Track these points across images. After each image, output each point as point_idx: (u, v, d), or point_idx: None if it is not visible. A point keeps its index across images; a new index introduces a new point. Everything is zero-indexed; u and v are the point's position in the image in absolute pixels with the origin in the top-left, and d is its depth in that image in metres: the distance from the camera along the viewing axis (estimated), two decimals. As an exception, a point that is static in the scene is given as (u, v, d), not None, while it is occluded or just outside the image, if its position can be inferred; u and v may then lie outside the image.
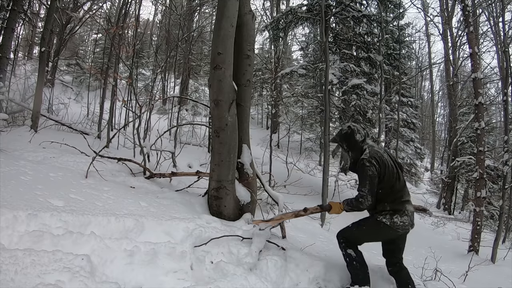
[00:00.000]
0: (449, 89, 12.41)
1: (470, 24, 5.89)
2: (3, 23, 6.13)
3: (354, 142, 2.41)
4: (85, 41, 19.16)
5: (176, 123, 7.11)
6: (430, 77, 19.85)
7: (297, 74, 9.18)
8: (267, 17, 13.82)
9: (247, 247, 2.38)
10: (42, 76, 5.58)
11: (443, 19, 12.45)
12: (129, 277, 1.85)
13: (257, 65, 14.26)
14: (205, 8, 14.47)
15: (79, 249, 1.79)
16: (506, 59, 6.48)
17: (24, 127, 5.35)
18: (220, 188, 3.05)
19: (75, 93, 11.86)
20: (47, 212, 2.00)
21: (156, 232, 2.37)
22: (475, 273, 3.57)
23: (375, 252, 3.05)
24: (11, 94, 6.79)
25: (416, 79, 19.70)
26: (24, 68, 9.71)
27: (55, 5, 6.27)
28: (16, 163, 3.07)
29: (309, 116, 12.90)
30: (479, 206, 5.49)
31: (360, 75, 8.66)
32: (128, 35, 9.63)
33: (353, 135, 2.41)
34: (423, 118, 21.22)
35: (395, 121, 12.37)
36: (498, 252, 5.06)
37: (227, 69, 2.99)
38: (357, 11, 8.03)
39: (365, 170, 2.25)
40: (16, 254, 1.56)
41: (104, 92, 7.32)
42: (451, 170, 11.53)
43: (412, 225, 2.35)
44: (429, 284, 2.74)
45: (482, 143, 5.65)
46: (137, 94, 6.57)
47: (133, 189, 3.33)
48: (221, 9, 3.05)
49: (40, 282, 1.49)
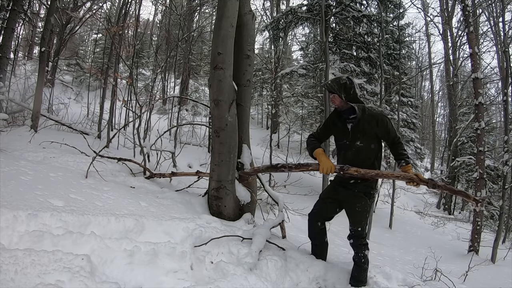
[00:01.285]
0: (449, 89, 12.41)
1: (470, 24, 5.89)
2: (3, 23, 6.14)
3: (354, 94, 2.31)
4: (85, 41, 19.16)
5: (176, 123, 7.11)
6: (430, 77, 19.85)
7: (297, 74, 9.19)
8: (267, 17, 13.81)
9: (247, 247, 2.37)
10: (42, 76, 5.59)
11: (443, 19, 12.44)
12: (129, 277, 1.85)
13: (257, 65, 14.26)
14: (205, 8, 14.46)
15: (79, 249, 1.79)
16: (506, 59, 6.48)
17: (24, 127, 5.35)
18: (220, 188, 3.05)
19: (75, 93, 11.87)
20: (47, 212, 2.00)
21: (156, 232, 2.37)
22: (475, 273, 3.57)
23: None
24: (11, 94, 6.80)
25: (416, 79, 19.69)
26: (24, 68, 9.71)
27: (55, 5, 6.27)
28: (16, 163, 3.07)
29: (309, 116, 12.90)
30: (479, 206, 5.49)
31: (360, 75, 8.66)
32: (128, 35, 9.62)
33: (353, 87, 2.32)
34: (423, 118, 21.22)
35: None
36: (498, 252, 5.06)
37: (227, 69, 2.99)
38: (357, 11, 8.03)
39: (391, 122, 2.35)
40: (16, 254, 1.56)
41: (104, 92, 7.32)
42: (451, 170, 11.53)
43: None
44: (429, 284, 2.73)
45: (482, 143, 5.65)
46: (137, 94, 6.56)
47: (133, 189, 3.33)
48: (221, 9, 3.05)
49: (40, 282, 1.49)
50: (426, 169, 17.69)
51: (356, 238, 2.37)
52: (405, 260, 4.21)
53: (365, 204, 2.35)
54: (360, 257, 2.36)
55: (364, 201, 2.35)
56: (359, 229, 2.36)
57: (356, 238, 2.37)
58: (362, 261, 2.35)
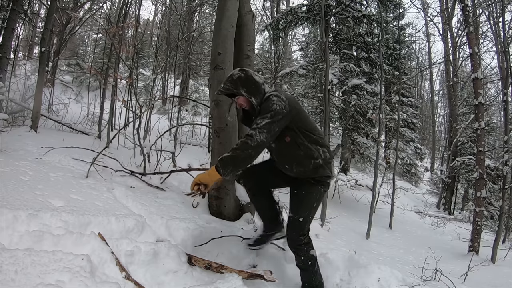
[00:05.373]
0: (449, 89, 12.42)
1: (470, 24, 5.89)
2: (3, 23, 6.14)
3: (255, 83, 1.89)
4: (85, 41, 19.18)
5: (176, 123, 7.11)
6: (430, 77, 19.86)
7: (297, 74, 9.18)
8: (267, 17, 13.79)
9: (247, 248, 2.37)
10: (42, 76, 5.58)
11: (443, 19, 12.45)
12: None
13: (257, 65, 14.25)
14: (205, 8, 14.47)
15: (79, 249, 1.79)
16: (506, 59, 6.48)
17: (24, 127, 5.34)
18: (220, 188, 3.05)
19: (75, 93, 11.87)
20: (47, 212, 2.00)
21: (156, 232, 2.37)
22: (475, 273, 3.57)
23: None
24: (11, 94, 6.79)
25: (416, 79, 19.69)
26: (24, 68, 9.71)
27: (55, 5, 6.27)
28: (16, 163, 3.07)
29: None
30: (479, 206, 5.49)
31: (360, 75, 8.66)
32: (128, 35, 9.63)
33: (251, 77, 1.91)
34: (423, 118, 21.22)
35: (395, 121, 12.37)
36: (498, 252, 5.05)
37: (227, 69, 2.99)
38: (357, 11, 8.03)
39: (275, 105, 1.77)
40: (16, 254, 1.56)
41: (104, 92, 7.32)
42: (451, 170, 11.53)
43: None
44: (429, 284, 2.73)
45: (482, 143, 5.65)
46: (137, 94, 6.57)
47: (133, 189, 3.33)
48: (221, 9, 3.05)
49: (40, 282, 1.49)
50: (426, 169, 17.70)
51: (292, 230, 1.96)
52: (405, 260, 4.21)
53: (314, 190, 1.96)
54: (303, 260, 1.98)
55: (314, 186, 1.96)
56: (300, 219, 1.94)
57: (293, 230, 1.96)
58: (308, 264, 1.98)
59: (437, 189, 13.96)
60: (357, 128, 9.25)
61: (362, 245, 4.47)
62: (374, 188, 5.97)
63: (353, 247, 3.83)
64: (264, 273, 1.95)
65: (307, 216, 1.96)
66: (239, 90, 1.88)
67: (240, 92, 1.89)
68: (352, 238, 4.88)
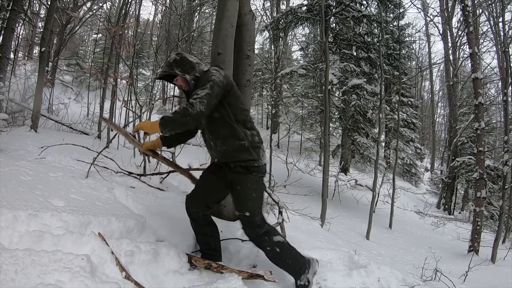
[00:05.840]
0: (449, 89, 12.42)
1: (470, 24, 5.89)
2: (3, 23, 6.14)
3: (189, 62, 1.98)
4: (85, 41, 19.19)
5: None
6: (430, 77, 19.86)
7: (297, 74, 9.19)
8: (267, 17, 13.82)
9: (247, 248, 2.37)
10: (42, 76, 5.58)
11: (443, 19, 12.45)
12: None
13: (257, 65, 14.26)
14: (205, 8, 14.48)
15: (79, 249, 1.79)
16: (506, 59, 6.48)
17: (24, 127, 5.34)
18: (220, 188, 3.04)
19: (75, 93, 11.88)
20: (47, 212, 2.00)
21: (156, 232, 2.37)
22: (475, 273, 3.57)
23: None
24: (11, 94, 6.80)
25: (416, 79, 19.70)
26: (24, 68, 9.72)
27: (55, 5, 6.27)
28: (16, 163, 3.06)
29: (309, 116, 12.90)
30: (479, 206, 5.49)
31: (360, 75, 8.66)
32: (128, 35, 9.63)
33: (185, 58, 1.99)
34: (423, 118, 21.23)
35: (395, 121, 12.37)
36: (498, 252, 5.05)
37: (227, 69, 2.98)
38: (357, 11, 8.03)
39: (211, 79, 1.86)
40: (17, 254, 1.56)
41: (104, 92, 7.32)
42: (451, 170, 11.53)
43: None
44: (429, 284, 2.73)
45: (482, 143, 5.65)
46: (137, 94, 6.56)
47: (133, 189, 3.33)
48: (221, 9, 3.05)
49: (40, 282, 1.49)
50: (426, 169, 17.70)
51: (245, 227, 1.99)
52: (405, 260, 4.21)
53: (247, 180, 1.97)
54: (270, 250, 1.98)
55: (245, 177, 1.97)
56: (247, 214, 1.96)
57: (246, 227, 1.99)
58: (277, 251, 1.97)
59: (437, 189, 13.96)
60: (357, 128, 9.26)
61: (362, 245, 4.47)
62: (374, 188, 5.97)
63: (353, 247, 3.83)
64: (264, 273, 1.96)
65: (252, 209, 1.97)
66: (174, 70, 1.96)
67: (175, 72, 1.96)
68: (352, 238, 4.87)
